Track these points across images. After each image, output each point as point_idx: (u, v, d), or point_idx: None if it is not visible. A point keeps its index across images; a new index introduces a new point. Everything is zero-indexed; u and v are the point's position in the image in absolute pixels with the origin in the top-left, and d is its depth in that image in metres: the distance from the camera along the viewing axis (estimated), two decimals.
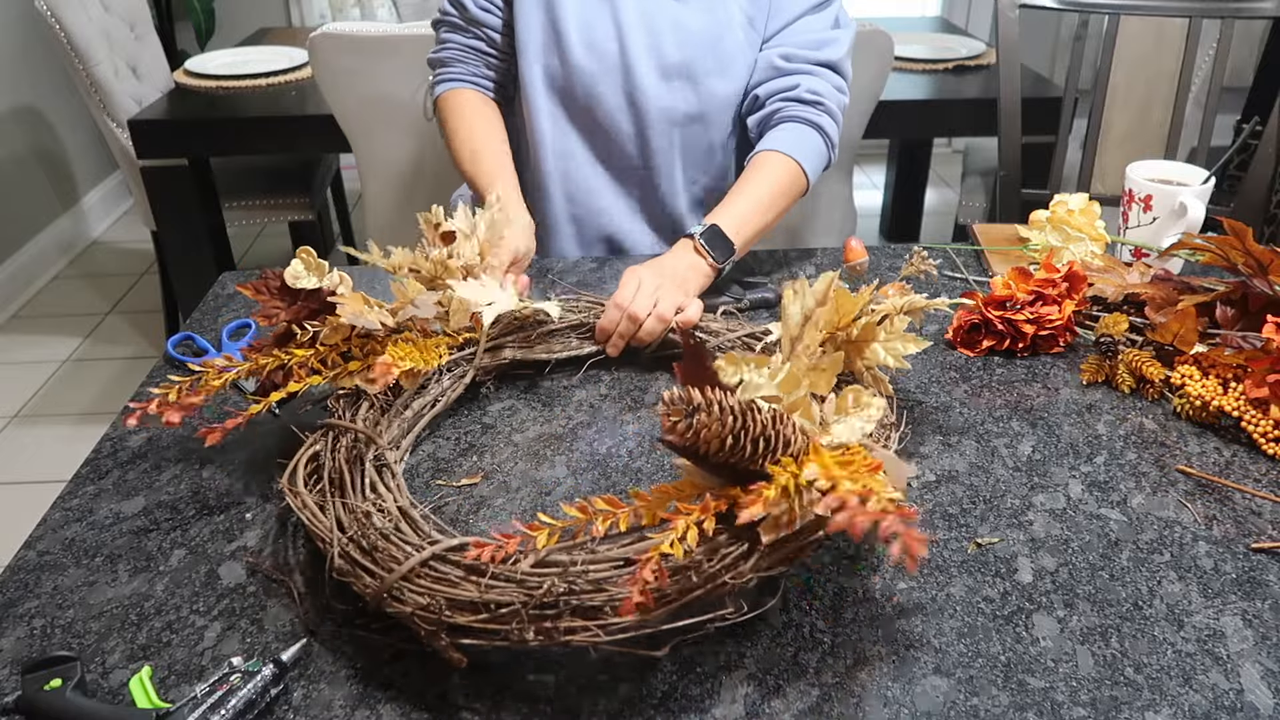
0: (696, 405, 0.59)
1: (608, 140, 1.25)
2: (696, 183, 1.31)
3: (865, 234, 3.18)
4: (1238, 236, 0.93)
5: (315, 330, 0.84)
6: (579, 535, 0.63)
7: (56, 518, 0.79)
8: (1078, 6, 1.55)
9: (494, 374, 0.96)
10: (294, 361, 0.82)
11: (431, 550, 0.63)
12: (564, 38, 1.19)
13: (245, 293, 0.84)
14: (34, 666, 0.62)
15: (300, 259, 0.84)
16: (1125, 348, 0.95)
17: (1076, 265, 1.01)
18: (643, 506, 0.63)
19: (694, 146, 1.27)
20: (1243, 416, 0.86)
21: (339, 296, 0.83)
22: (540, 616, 0.59)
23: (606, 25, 1.20)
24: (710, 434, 0.60)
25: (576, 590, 0.59)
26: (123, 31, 2.36)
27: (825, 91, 1.21)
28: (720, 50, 1.21)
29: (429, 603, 0.60)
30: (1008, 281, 1.01)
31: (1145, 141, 2.18)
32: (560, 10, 1.19)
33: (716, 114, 1.25)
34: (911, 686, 0.63)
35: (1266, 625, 0.67)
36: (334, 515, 0.69)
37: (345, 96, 1.85)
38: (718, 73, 1.22)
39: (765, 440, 0.61)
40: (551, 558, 0.61)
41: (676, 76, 1.22)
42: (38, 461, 2.23)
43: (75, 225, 3.30)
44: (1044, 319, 0.98)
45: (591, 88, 1.21)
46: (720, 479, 0.65)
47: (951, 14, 3.82)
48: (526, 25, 1.20)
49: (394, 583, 0.62)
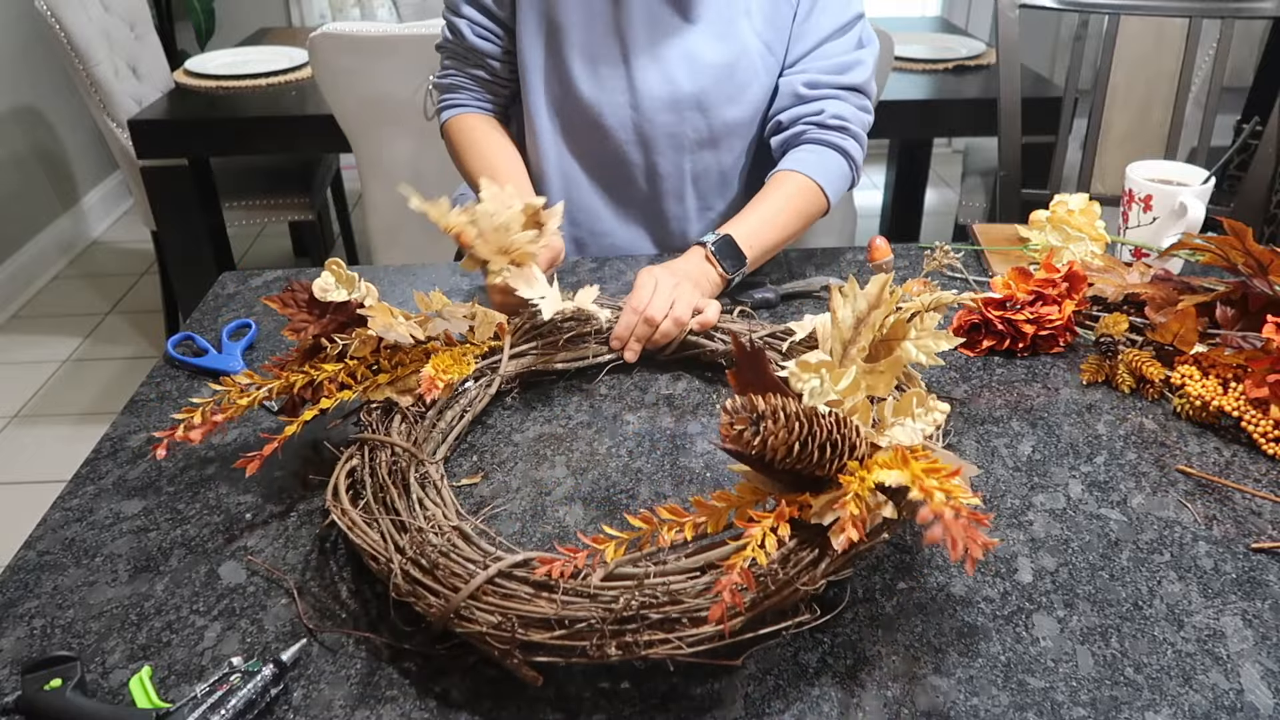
0: (761, 413, 0.60)
1: (614, 168, 1.23)
2: (712, 208, 1.28)
3: (865, 234, 3.18)
4: (1238, 236, 0.93)
5: (345, 344, 0.82)
6: (644, 545, 0.62)
7: (56, 518, 0.79)
8: (1078, 6, 1.55)
9: (518, 382, 0.95)
10: (323, 376, 0.81)
11: (497, 567, 0.62)
12: (568, 66, 1.16)
13: (272, 305, 0.82)
14: (34, 666, 0.62)
15: (330, 271, 0.82)
16: (1125, 348, 0.95)
17: (1076, 265, 1.01)
18: (706, 515, 0.63)
19: (705, 173, 1.24)
20: (1243, 416, 0.86)
21: (368, 309, 0.82)
22: (619, 631, 0.59)
23: (613, 55, 1.16)
24: (777, 441, 0.60)
25: (654, 603, 0.59)
26: (123, 31, 2.36)
27: (849, 115, 1.19)
28: (735, 80, 1.18)
29: (501, 620, 0.60)
30: (1008, 281, 1.01)
31: (1145, 141, 2.18)
32: (564, 37, 1.15)
33: (728, 140, 1.22)
34: (911, 686, 0.63)
35: (1266, 625, 0.67)
36: (389, 534, 0.67)
37: (345, 96, 1.85)
38: (731, 101, 1.19)
39: (831, 445, 0.61)
40: (621, 570, 0.61)
41: (688, 107, 1.18)
42: (38, 461, 2.23)
43: (75, 225, 3.30)
44: (1044, 319, 0.98)
45: (597, 118, 1.18)
46: (781, 484, 0.65)
47: (951, 14, 3.82)
48: (530, 51, 1.17)
49: (461, 601, 0.61)
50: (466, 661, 0.65)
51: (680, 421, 0.90)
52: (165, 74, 2.49)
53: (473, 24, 1.20)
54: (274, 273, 1.19)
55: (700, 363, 0.99)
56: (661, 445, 0.87)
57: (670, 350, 0.99)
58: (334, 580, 0.72)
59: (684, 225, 1.28)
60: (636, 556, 0.62)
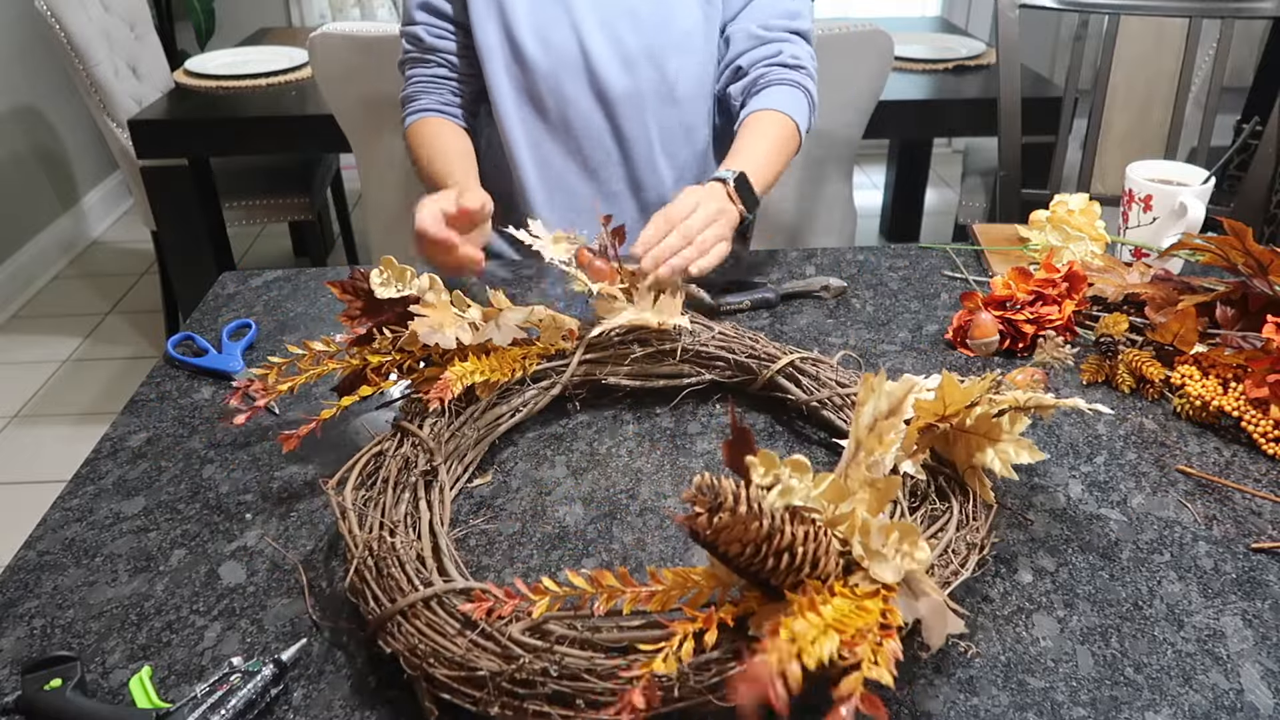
0: (720, 502, 0.52)
1: (582, 139, 1.26)
2: (684, 167, 1.32)
3: (865, 234, 3.18)
4: (1238, 236, 0.93)
5: (397, 334, 0.82)
6: (584, 605, 0.58)
7: (56, 518, 0.79)
8: (1078, 6, 1.55)
9: (585, 389, 0.91)
10: (370, 367, 0.81)
11: (428, 591, 0.60)
12: (520, 42, 1.20)
13: (334, 291, 0.83)
14: (34, 666, 0.62)
15: (381, 267, 0.83)
16: (1125, 348, 0.95)
17: (1076, 265, 1.01)
18: (656, 592, 0.57)
19: (669, 131, 1.28)
20: (1243, 416, 0.86)
21: (421, 307, 0.81)
22: (511, 691, 0.56)
23: (561, 22, 1.21)
24: (730, 536, 0.52)
25: (556, 675, 0.55)
26: (123, 31, 2.36)
27: (804, 57, 1.25)
28: (676, 29, 1.23)
29: (416, 646, 0.59)
30: (1008, 281, 1.01)
31: (1145, 141, 2.18)
32: (513, 15, 1.20)
33: (686, 93, 1.27)
34: (911, 686, 0.63)
35: (1266, 625, 0.67)
36: (366, 528, 0.67)
37: (345, 96, 1.85)
38: (678, 51, 1.24)
39: (790, 555, 0.54)
40: (548, 625, 0.57)
41: (639, 60, 1.23)
42: (38, 461, 2.23)
43: (75, 225, 3.30)
44: (1044, 319, 0.98)
45: (557, 87, 1.23)
46: (743, 578, 0.57)
47: (951, 14, 3.82)
48: (484, 36, 1.21)
49: (390, 617, 0.60)
50: None
51: (680, 422, 0.90)
52: (165, 74, 2.49)
53: (428, 27, 1.25)
54: (274, 273, 1.19)
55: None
56: (661, 445, 0.87)
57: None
58: (335, 580, 0.72)
59: (662, 194, 1.31)
60: (569, 616, 0.57)
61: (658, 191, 1.31)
